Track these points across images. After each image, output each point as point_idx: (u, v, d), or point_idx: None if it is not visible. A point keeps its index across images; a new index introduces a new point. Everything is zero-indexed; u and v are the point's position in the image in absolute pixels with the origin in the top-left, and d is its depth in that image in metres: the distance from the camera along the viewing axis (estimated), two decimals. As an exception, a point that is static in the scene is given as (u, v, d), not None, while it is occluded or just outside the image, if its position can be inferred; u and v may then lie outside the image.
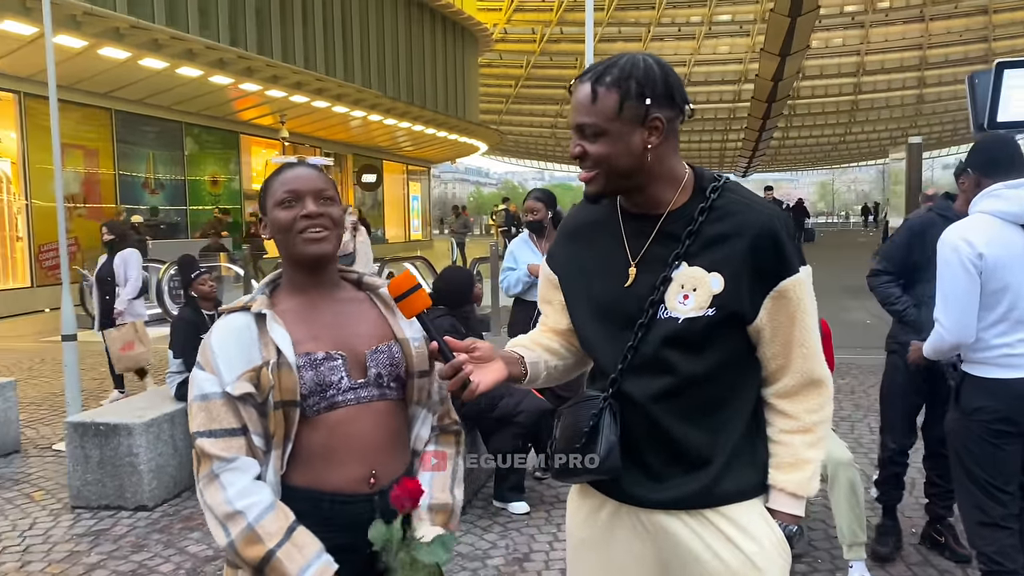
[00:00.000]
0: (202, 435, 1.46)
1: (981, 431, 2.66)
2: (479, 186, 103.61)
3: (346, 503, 1.51)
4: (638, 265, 1.56)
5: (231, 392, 1.46)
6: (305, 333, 1.53)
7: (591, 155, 1.51)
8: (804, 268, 1.53)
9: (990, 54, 34.42)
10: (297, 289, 1.60)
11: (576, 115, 1.51)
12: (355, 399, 1.53)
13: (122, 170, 16.30)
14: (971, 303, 2.62)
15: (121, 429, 4.43)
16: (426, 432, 1.66)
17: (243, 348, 1.49)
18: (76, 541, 4.04)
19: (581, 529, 1.69)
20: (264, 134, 21.02)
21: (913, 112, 43.88)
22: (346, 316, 1.60)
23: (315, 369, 1.50)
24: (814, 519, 4.03)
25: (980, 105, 6.50)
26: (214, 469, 1.45)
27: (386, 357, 1.58)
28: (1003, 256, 2.58)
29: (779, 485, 1.56)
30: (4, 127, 14.00)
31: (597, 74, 1.49)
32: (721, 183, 1.56)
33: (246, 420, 1.47)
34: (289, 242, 1.55)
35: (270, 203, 1.58)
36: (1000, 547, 2.65)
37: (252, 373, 1.47)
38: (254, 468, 1.47)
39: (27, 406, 6.86)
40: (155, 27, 13.98)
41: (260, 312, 1.52)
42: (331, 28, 20.94)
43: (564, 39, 40.37)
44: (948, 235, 2.70)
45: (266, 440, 1.49)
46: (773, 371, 1.57)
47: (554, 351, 1.71)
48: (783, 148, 53.64)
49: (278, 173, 1.61)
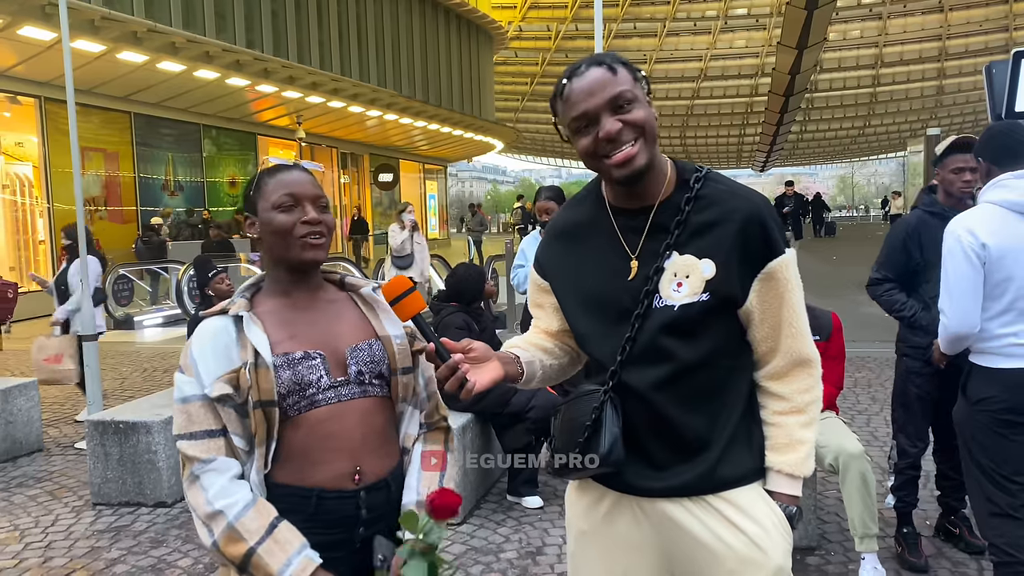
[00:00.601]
0: (182, 437, 1.49)
1: (988, 421, 2.64)
2: (496, 184, 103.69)
3: (331, 499, 1.52)
4: (639, 258, 1.58)
5: (209, 394, 1.47)
6: (284, 334, 1.54)
7: (632, 122, 1.49)
8: (789, 250, 1.57)
9: (1011, 43, 33.94)
10: (279, 291, 1.60)
11: (602, 93, 1.47)
12: (336, 397, 1.54)
13: (142, 172, 16.50)
14: (974, 293, 2.61)
15: (140, 427, 4.50)
16: (414, 429, 1.68)
17: (221, 351, 1.50)
18: (97, 537, 4.11)
19: (582, 521, 1.71)
20: (281, 135, 21.17)
21: (933, 104, 43.40)
22: (326, 316, 1.61)
23: (292, 368, 1.51)
24: (828, 511, 4.03)
25: (998, 95, 6.43)
26: (194, 470, 1.47)
27: (367, 355, 1.58)
28: (1008, 246, 2.57)
29: (775, 466, 1.58)
30: (25, 131, 14.20)
31: (597, 59, 1.52)
32: (703, 173, 1.58)
33: (225, 422, 1.48)
34: (286, 246, 1.55)
35: (264, 204, 1.57)
36: (1012, 538, 2.62)
37: (231, 375, 1.48)
38: (234, 468, 1.48)
39: (50, 405, 6.98)
40: (172, 30, 14.11)
41: (238, 315, 1.53)
42: (346, 28, 21.03)
43: (579, 35, 40.27)
44: (953, 225, 2.69)
45: (247, 441, 1.50)
46: (763, 353, 1.59)
47: (549, 351, 1.73)
48: (801, 142, 53.21)
49: (272, 174, 1.59)
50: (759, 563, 1.54)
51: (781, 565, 1.55)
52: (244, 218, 1.62)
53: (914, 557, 3.45)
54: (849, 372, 5.97)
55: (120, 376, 8.26)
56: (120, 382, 7.95)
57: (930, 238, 3.32)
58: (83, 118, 12.92)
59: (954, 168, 3.30)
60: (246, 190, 1.64)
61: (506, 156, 58.43)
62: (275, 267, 1.61)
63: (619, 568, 1.65)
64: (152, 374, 8.36)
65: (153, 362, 9.15)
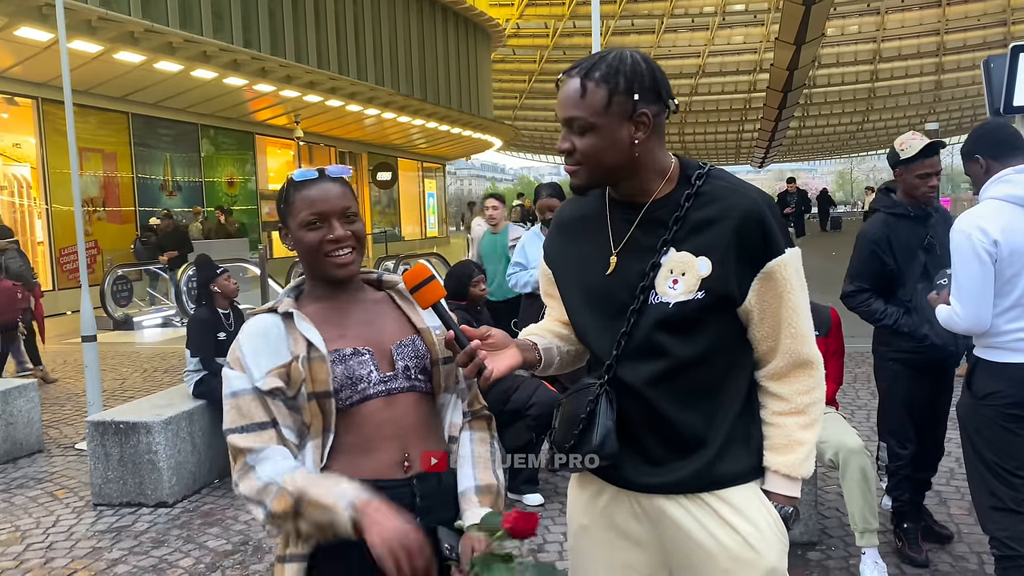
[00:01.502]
0: (233, 431, 1.50)
1: (994, 416, 2.64)
2: (495, 182, 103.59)
3: (383, 488, 1.52)
4: (619, 253, 1.59)
5: (260, 387, 1.50)
6: (332, 332, 1.57)
7: (579, 150, 1.53)
8: (791, 250, 1.55)
9: (1009, 38, 33.91)
10: (322, 296, 1.64)
11: (564, 109, 1.53)
12: (386, 391, 1.57)
13: (140, 173, 16.50)
14: (986, 292, 2.59)
15: (141, 427, 4.50)
16: (458, 418, 1.69)
17: (271, 346, 1.53)
18: (98, 537, 4.11)
19: (582, 515, 1.72)
20: (279, 134, 21.16)
21: (931, 99, 43.36)
22: (369, 315, 1.64)
23: (344, 364, 1.54)
24: (828, 507, 4.04)
25: (996, 89, 6.43)
26: (247, 461, 1.49)
27: (411, 350, 1.62)
28: (1016, 242, 2.56)
29: (773, 467, 1.58)
30: (23, 132, 14.20)
31: (585, 69, 1.51)
32: (706, 170, 1.58)
33: (276, 415, 1.50)
34: (317, 263, 1.59)
35: (294, 223, 1.59)
36: (1014, 532, 2.63)
37: (281, 369, 1.50)
38: (284, 454, 1.50)
39: (50, 406, 6.98)
40: (169, 30, 14.11)
41: (287, 312, 1.56)
42: (343, 27, 21.02)
43: (577, 32, 40.20)
44: (961, 222, 2.66)
45: (298, 434, 1.52)
46: (764, 353, 1.59)
47: (565, 337, 1.74)
48: (800, 138, 53.18)
49: (298, 188, 1.60)
50: (752, 563, 1.54)
51: (774, 566, 1.55)
52: (279, 229, 1.65)
53: (914, 552, 3.45)
54: (849, 367, 5.97)
55: (120, 376, 8.26)
56: (120, 383, 7.95)
57: (900, 242, 3.30)
58: (80, 119, 12.94)
59: (921, 173, 3.24)
60: (278, 201, 1.65)
61: (504, 154, 58.37)
62: (313, 278, 1.65)
63: (618, 562, 1.66)
64: (152, 374, 8.36)
65: (153, 362, 9.15)
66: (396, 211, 28.64)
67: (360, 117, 21.57)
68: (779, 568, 1.56)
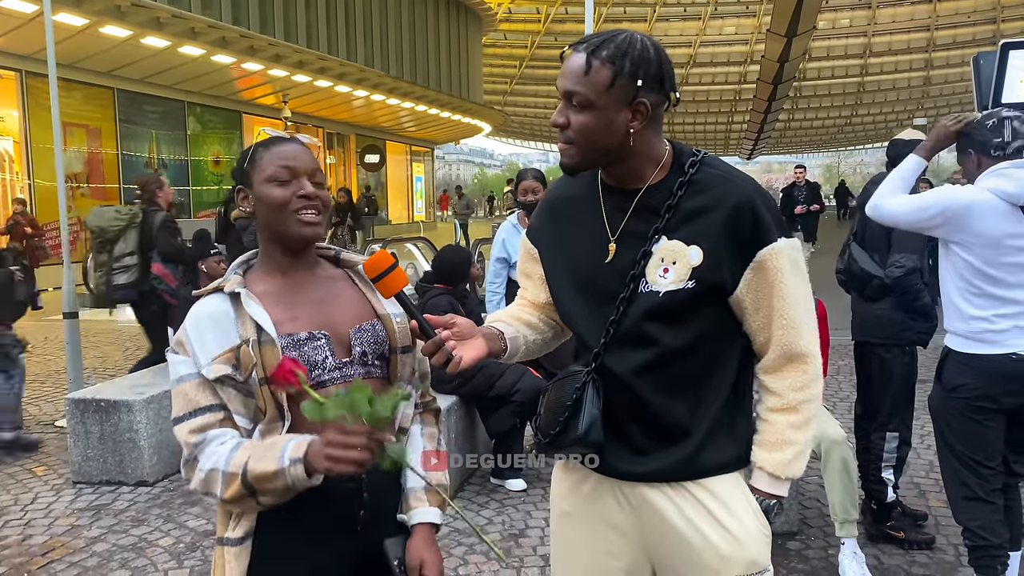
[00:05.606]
0: (180, 420, 1.46)
1: (962, 408, 2.70)
2: (483, 167, 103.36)
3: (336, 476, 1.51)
4: (617, 241, 1.57)
5: (206, 375, 1.45)
6: (285, 314, 1.51)
7: (573, 126, 1.50)
8: (785, 239, 1.52)
9: (998, 35, 34.06)
10: (275, 269, 1.56)
11: (565, 82, 1.50)
12: (341, 377, 1.52)
13: (125, 150, 16.32)
14: (915, 203, 2.71)
15: (121, 406, 4.47)
16: (410, 410, 1.66)
17: (219, 330, 1.47)
18: (77, 515, 4.08)
19: (564, 501, 1.71)
20: (267, 114, 20.98)
21: (920, 94, 43.56)
22: (326, 295, 1.57)
23: (298, 349, 1.48)
24: (809, 497, 4.07)
25: (984, 86, 6.43)
26: (191, 454, 1.46)
27: (370, 335, 1.57)
28: (986, 228, 2.58)
29: (759, 464, 1.57)
30: (6, 106, 14.00)
31: (594, 46, 1.48)
32: (699, 158, 1.56)
33: (226, 400, 1.46)
34: (282, 221, 1.50)
35: (259, 179, 1.51)
36: (984, 522, 2.69)
37: (230, 353, 1.45)
38: (223, 438, 1.46)
39: (30, 383, 6.90)
40: (156, 5, 13.91)
41: (234, 291, 1.50)
42: (334, 6, 20.82)
43: (569, 19, 40.00)
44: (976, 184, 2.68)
45: (252, 420, 1.48)
46: (760, 345, 1.57)
47: (533, 325, 1.72)
48: (788, 130, 53.34)
49: (268, 146, 1.54)
50: (734, 555, 1.54)
51: (754, 558, 1.55)
52: (237, 192, 1.56)
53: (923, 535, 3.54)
54: (832, 360, 5.99)
55: (101, 355, 8.19)
56: (101, 361, 7.89)
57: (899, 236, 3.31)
58: (65, 93, 12.77)
59: None
60: (239, 162, 1.58)
61: (494, 139, 58.08)
62: (270, 244, 1.56)
63: (600, 548, 1.65)
64: (134, 353, 8.28)
65: (134, 341, 9.07)
66: (384, 194, 28.51)
67: (349, 98, 21.43)
68: (760, 560, 1.56)
